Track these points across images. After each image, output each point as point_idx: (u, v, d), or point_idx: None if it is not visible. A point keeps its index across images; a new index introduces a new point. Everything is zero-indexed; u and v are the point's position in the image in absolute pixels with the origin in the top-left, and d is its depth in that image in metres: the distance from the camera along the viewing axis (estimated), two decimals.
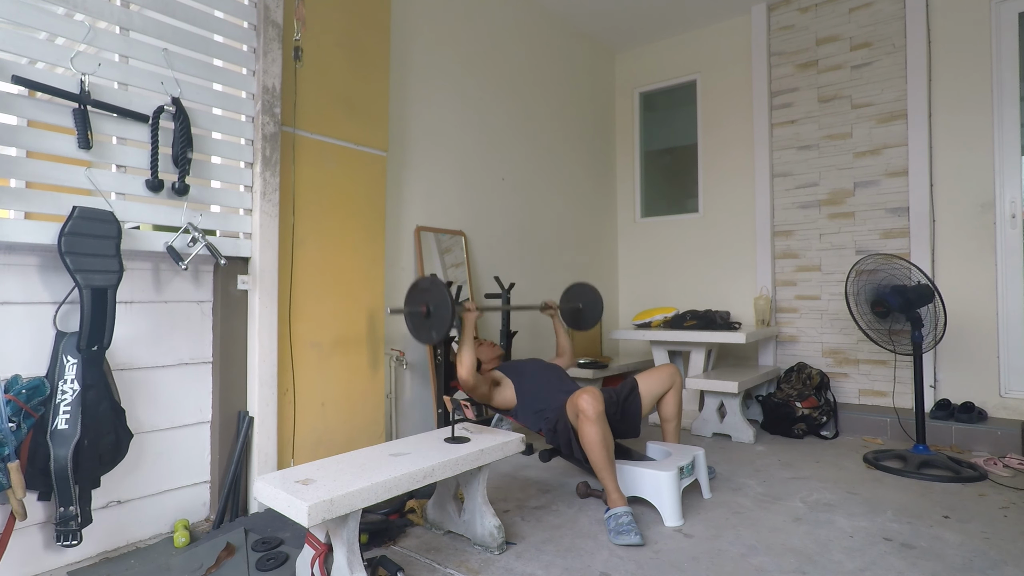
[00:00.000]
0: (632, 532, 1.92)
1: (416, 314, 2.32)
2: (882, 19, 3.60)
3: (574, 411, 2.13)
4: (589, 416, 2.04)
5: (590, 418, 2.04)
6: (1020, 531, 2.01)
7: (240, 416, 2.17)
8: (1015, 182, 3.19)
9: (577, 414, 2.09)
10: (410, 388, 3.00)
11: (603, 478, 2.06)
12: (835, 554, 1.85)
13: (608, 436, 2.07)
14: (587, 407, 2.04)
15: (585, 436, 2.06)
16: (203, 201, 2.08)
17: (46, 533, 1.72)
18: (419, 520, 2.09)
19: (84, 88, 1.75)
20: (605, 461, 2.05)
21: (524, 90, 3.90)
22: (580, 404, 2.06)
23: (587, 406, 2.04)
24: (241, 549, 1.83)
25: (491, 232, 3.61)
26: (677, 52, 4.56)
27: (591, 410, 2.04)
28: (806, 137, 3.88)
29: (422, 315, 2.30)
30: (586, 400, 2.05)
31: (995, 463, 2.73)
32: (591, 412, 2.04)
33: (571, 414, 2.17)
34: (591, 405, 2.04)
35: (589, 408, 2.04)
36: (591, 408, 2.04)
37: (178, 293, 2.05)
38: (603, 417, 2.07)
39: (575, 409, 2.10)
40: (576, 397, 2.10)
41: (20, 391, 1.57)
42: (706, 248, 4.35)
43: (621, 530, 1.93)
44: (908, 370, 3.33)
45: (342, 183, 2.52)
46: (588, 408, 2.04)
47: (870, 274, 2.86)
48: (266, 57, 2.21)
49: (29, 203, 1.69)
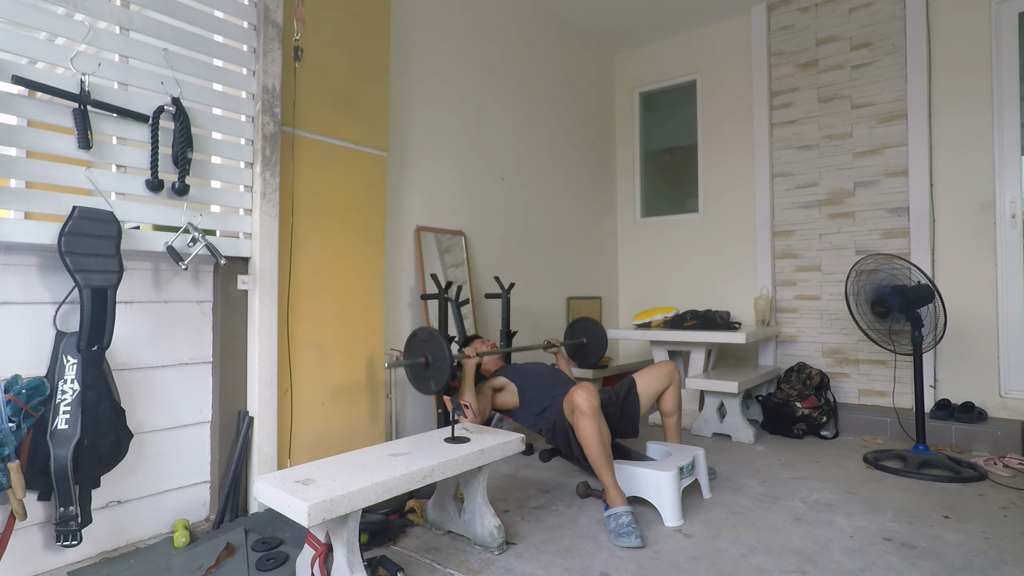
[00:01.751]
0: (633, 534, 1.91)
1: (415, 366, 2.35)
2: (882, 19, 3.60)
3: (570, 407, 2.12)
4: (584, 411, 2.03)
5: (585, 413, 2.03)
6: (1020, 531, 2.01)
7: (240, 416, 2.17)
8: (1015, 182, 3.19)
9: (573, 410, 2.09)
10: (410, 388, 3.00)
11: (601, 475, 2.05)
12: (835, 554, 1.85)
13: (605, 431, 2.07)
14: (582, 402, 2.03)
15: (581, 432, 2.06)
16: (203, 201, 2.08)
17: (46, 533, 1.72)
18: (419, 520, 2.09)
19: (84, 88, 1.75)
20: (602, 457, 2.04)
21: (524, 90, 3.90)
22: (575, 399, 2.05)
23: (582, 401, 2.03)
24: (241, 549, 1.83)
25: (491, 232, 3.61)
26: (677, 52, 4.56)
27: (586, 405, 2.03)
28: (806, 137, 3.88)
29: (421, 366, 2.33)
30: (581, 395, 2.04)
31: (995, 463, 2.73)
32: (586, 407, 2.03)
33: (567, 410, 2.17)
34: (586, 400, 2.03)
35: (584, 403, 2.03)
36: (586, 403, 2.03)
37: (178, 293, 2.05)
38: (599, 412, 2.06)
39: (571, 405, 2.10)
40: (571, 393, 2.10)
41: (20, 391, 1.57)
42: (706, 248, 4.35)
43: (622, 532, 1.93)
44: (908, 370, 3.32)
45: (342, 183, 2.52)
46: (583, 403, 2.03)
47: (870, 274, 2.86)
48: (266, 57, 2.21)
49: (29, 203, 1.69)
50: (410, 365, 2.35)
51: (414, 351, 2.36)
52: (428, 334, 2.32)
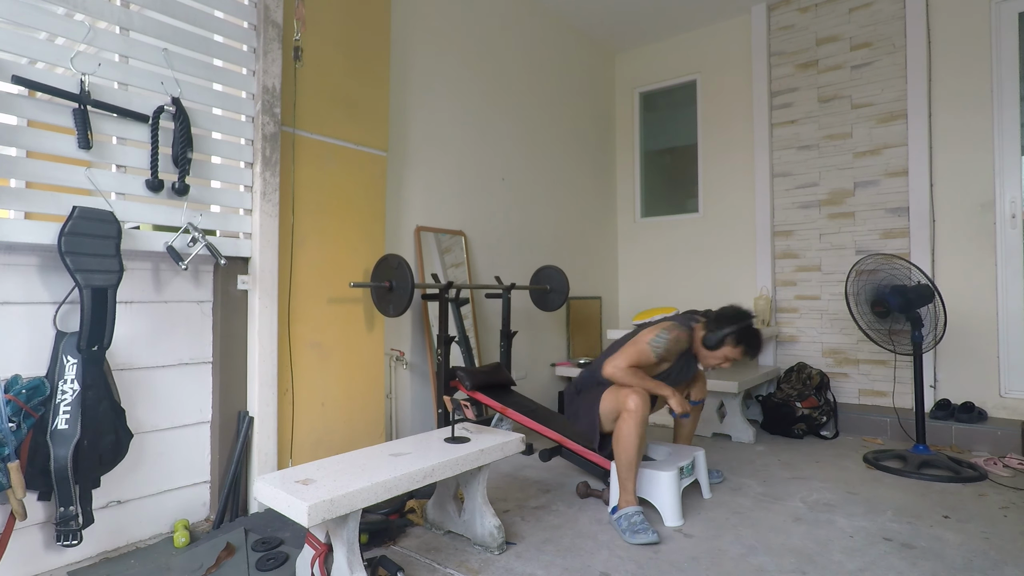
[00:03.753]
0: (648, 530, 1.94)
1: (380, 288, 2.56)
2: (882, 19, 3.60)
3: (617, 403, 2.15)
4: (632, 412, 2.06)
5: (634, 417, 2.06)
6: (1020, 531, 2.01)
7: (240, 416, 2.17)
8: (1015, 182, 3.19)
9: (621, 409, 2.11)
10: (410, 388, 3.00)
11: (624, 477, 2.08)
12: (835, 554, 1.85)
13: (643, 438, 2.10)
14: (633, 406, 2.07)
15: (623, 433, 2.08)
16: (203, 201, 2.08)
17: (46, 533, 1.72)
18: (419, 520, 2.09)
19: (84, 88, 1.75)
20: (633, 461, 2.07)
21: (524, 90, 3.90)
22: (627, 402, 2.08)
23: (633, 406, 2.07)
24: (241, 549, 1.83)
25: (491, 232, 3.61)
26: (677, 52, 4.56)
27: (636, 409, 2.07)
28: (806, 137, 3.88)
29: (385, 289, 2.54)
30: (634, 400, 2.08)
31: (995, 463, 2.73)
32: (636, 411, 2.06)
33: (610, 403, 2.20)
34: (637, 405, 2.07)
35: (635, 407, 2.07)
36: (636, 408, 2.07)
37: (178, 293, 2.05)
38: (645, 420, 2.10)
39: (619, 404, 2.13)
40: (624, 395, 2.12)
41: (20, 391, 1.57)
42: (706, 248, 4.35)
43: (636, 529, 1.96)
44: (908, 370, 3.32)
45: (342, 183, 2.52)
46: (633, 406, 2.07)
47: (870, 274, 2.86)
48: (266, 57, 2.21)
49: (29, 203, 1.69)
50: (375, 287, 2.57)
51: (381, 275, 2.55)
52: (397, 262, 2.50)
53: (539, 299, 3.50)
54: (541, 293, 3.48)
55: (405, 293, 2.46)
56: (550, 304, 3.48)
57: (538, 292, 3.48)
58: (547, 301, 3.48)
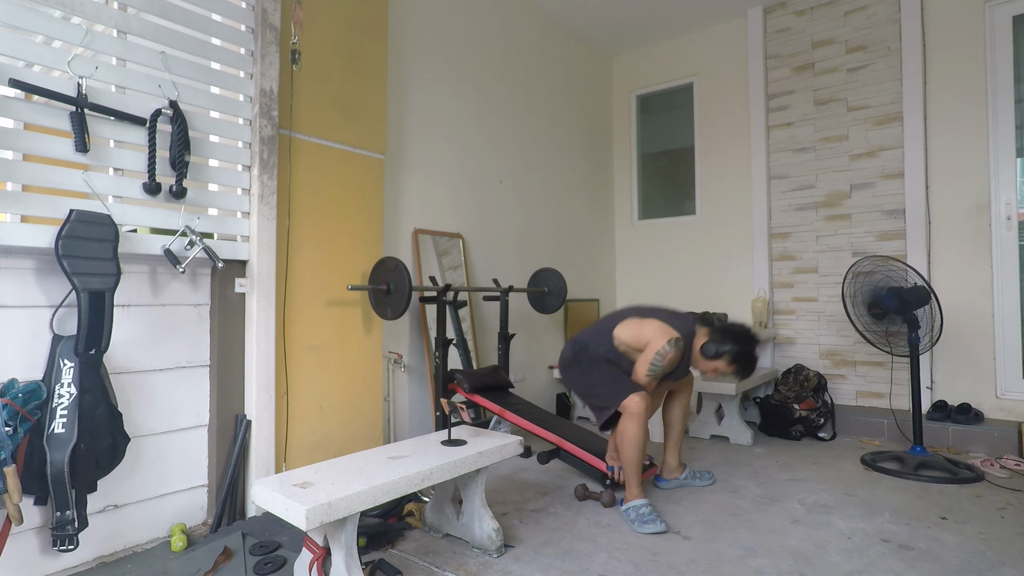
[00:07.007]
0: (656, 520, 2.01)
1: (378, 291, 2.54)
2: (877, 22, 3.62)
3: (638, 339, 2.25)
4: (635, 415, 2.14)
5: (636, 417, 2.14)
6: (1017, 532, 2.02)
7: (238, 420, 2.16)
8: (1010, 184, 3.21)
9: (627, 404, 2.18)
10: (408, 391, 3.00)
11: (630, 473, 2.17)
12: (833, 555, 1.85)
13: (646, 436, 2.18)
14: (634, 407, 2.14)
15: (627, 434, 2.16)
16: (200, 204, 2.08)
17: (42, 538, 1.71)
18: (417, 523, 2.08)
19: (81, 91, 1.75)
20: (637, 458, 2.16)
21: (521, 93, 3.91)
22: (628, 404, 2.16)
23: (634, 407, 2.14)
24: (239, 553, 1.82)
25: (489, 234, 3.61)
26: (674, 55, 4.57)
27: (636, 410, 2.14)
28: (802, 139, 3.90)
29: (383, 292, 2.52)
30: (634, 401, 2.15)
31: (992, 464, 2.74)
32: (636, 412, 2.14)
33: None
34: (638, 406, 2.14)
35: (635, 408, 2.14)
36: (637, 409, 2.14)
37: (175, 296, 2.04)
38: (645, 419, 2.17)
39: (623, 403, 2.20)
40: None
41: (16, 395, 1.56)
42: (703, 250, 4.36)
43: (645, 520, 2.03)
44: (905, 372, 3.33)
45: (340, 186, 2.52)
46: (635, 408, 2.14)
47: (867, 276, 2.87)
48: (263, 60, 2.21)
49: (26, 206, 1.69)
50: (372, 290, 2.54)
51: (379, 278, 2.54)
52: (395, 265, 2.49)
53: (537, 301, 3.50)
54: (539, 295, 3.48)
55: (403, 296, 2.45)
56: (548, 306, 3.48)
57: (536, 294, 3.49)
58: (545, 303, 3.48)
